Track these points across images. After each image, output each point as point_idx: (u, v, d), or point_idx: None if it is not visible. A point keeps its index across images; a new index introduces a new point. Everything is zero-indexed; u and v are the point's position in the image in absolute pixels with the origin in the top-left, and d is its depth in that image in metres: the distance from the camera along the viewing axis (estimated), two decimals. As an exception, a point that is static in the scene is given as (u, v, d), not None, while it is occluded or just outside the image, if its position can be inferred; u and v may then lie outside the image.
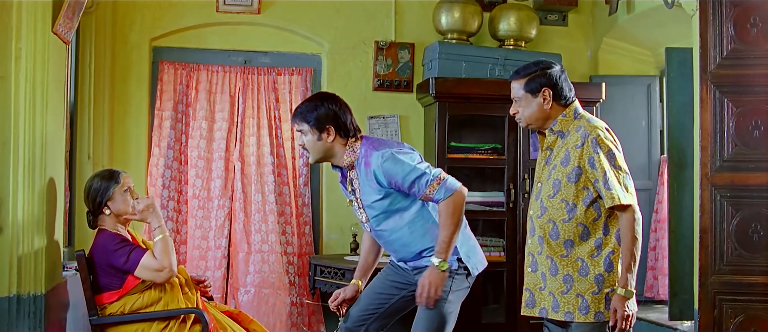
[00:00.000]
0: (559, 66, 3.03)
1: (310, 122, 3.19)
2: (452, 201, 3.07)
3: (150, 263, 3.37)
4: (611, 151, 2.86)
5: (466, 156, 5.16)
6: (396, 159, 3.11)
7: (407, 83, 5.49)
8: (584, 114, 2.99)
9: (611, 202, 2.81)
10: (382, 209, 3.21)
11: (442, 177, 3.10)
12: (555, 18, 5.72)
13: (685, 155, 4.69)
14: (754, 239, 3.85)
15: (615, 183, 2.82)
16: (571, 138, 2.92)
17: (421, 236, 3.22)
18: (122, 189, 3.51)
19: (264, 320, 4.98)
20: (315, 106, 3.21)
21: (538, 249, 2.98)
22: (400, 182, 3.11)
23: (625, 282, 2.80)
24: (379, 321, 3.38)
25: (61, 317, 3.82)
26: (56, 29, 3.62)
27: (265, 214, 5.22)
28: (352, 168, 3.24)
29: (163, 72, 5.20)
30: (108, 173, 3.57)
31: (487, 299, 5.39)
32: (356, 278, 3.48)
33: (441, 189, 3.08)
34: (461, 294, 3.27)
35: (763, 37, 3.85)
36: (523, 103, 3.00)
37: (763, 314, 3.83)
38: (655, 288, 5.59)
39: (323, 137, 3.20)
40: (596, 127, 2.91)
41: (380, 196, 3.18)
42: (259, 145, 5.27)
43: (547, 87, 2.96)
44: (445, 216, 3.07)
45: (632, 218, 2.82)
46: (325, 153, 3.24)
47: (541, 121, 3.00)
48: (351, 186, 3.28)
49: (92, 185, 3.51)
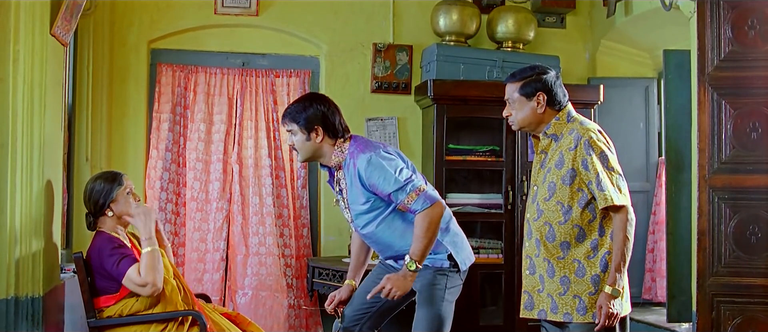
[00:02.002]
0: (554, 71, 3.07)
1: (299, 122, 3.25)
2: (428, 215, 3.10)
3: (134, 278, 3.33)
4: (604, 152, 2.90)
5: (464, 158, 5.16)
6: (379, 165, 3.15)
7: (405, 85, 5.49)
8: (577, 117, 3.03)
9: (604, 203, 2.84)
10: (366, 209, 3.26)
11: (421, 188, 3.13)
12: (553, 20, 5.73)
13: (682, 157, 4.70)
14: (751, 241, 3.85)
15: (608, 185, 2.85)
16: (564, 141, 2.96)
17: (400, 234, 3.26)
18: (125, 191, 3.51)
19: (262, 322, 4.98)
20: (304, 107, 3.27)
21: (535, 251, 3.00)
22: (380, 189, 3.16)
23: (614, 281, 2.83)
24: (372, 321, 3.43)
25: (59, 319, 3.81)
26: (54, 31, 3.62)
27: (262, 217, 5.22)
28: (340, 168, 3.29)
29: (161, 74, 5.20)
30: (111, 175, 3.56)
31: (485, 301, 5.39)
32: (349, 278, 3.54)
33: (419, 200, 3.11)
34: (455, 291, 3.33)
35: (761, 39, 3.85)
36: (516, 106, 3.06)
37: (761, 316, 3.83)
38: (653, 290, 5.59)
39: (312, 137, 3.25)
40: (589, 129, 2.95)
41: (364, 198, 3.23)
42: (257, 147, 5.27)
43: (541, 91, 3.00)
44: (420, 229, 3.10)
45: (625, 219, 2.85)
46: (314, 153, 3.30)
47: (533, 125, 3.06)
48: (338, 186, 3.35)
49: (94, 187, 3.50)
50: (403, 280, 3.10)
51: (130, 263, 3.35)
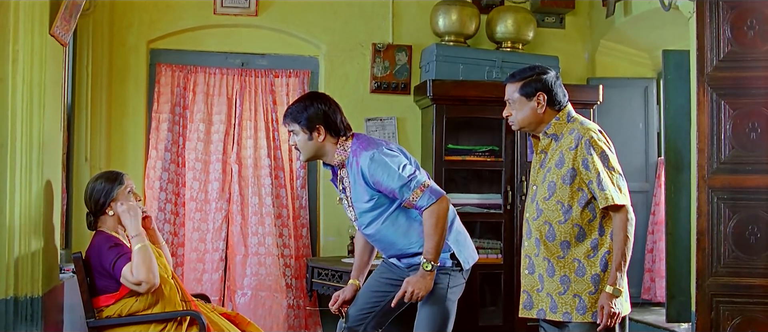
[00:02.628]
0: (554, 71, 3.08)
1: (300, 122, 3.24)
2: (435, 210, 3.11)
3: (128, 276, 3.33)
4: (604, 152, 2.90)
5: (463, 158, 5.16)
6: (382, 162, 3.15)
7: (404, 85, 5.49)
8: (577, 117, 3.04)
9: (605, 203, 2.84)
10: (370, 207, 3.25)
11: (425, 184, 3.14)
12: (552, 20, 5.73)
13: (682, 157, 4.71)
14: (751, 241, 3.85)
15: (608, 184, 2.85)
16: (564, 140, 2.96)
17: (404, 233, 3.26)
18: (126, 190, 3.51)
19: (261, 322, 4.98)
20: (305, 106, 3.26)
21: (534, 251, 3.00)
22: (384, 187, 3.16)
23: (615, 281, 2.83)
24: (376, 320, 3.43)
25: (58, 319, 3.81)
26: (53, 31, 3.61)
27: (262, 217, 5.22)
28: (343, 166, 3.29)
29: (160, 74, 5.20)
30: (112, 175, 3.56)
31: (484, 301, 5.39)
32: (353, 277, 3.54)
33: (424, 196, 3.12)
34: (458, 290, 3.33)
35: (760, 39, 3.85)
36: (516, 106, 3.06)
37: (760, 316, 3.83)
38: (652, 291, 5.59)
39: (314, 136, 3.24)
40: (589, 129, 2.95)
41: (368, 196, 3.23)
42: (257, 147, 5.26)
43: (541, 91, 3.01)
44: (429, 226, 3.12)
45: (625, 218, 2.86)
46: (316, 152, 3.29)
47: (533, 125, 3.06)
48: (341, 185, 3.34)
49: (95, 186, 3.49)
50: (423, 280, 3.12)
51: (126, 261, 3.35)
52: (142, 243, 3.36)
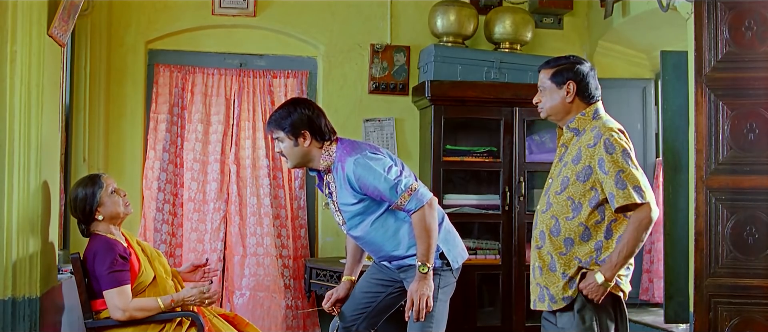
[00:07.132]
0: (589, 63, 3.04)
1: (285, 129, 3.23)
2: (424, 213, 3.12)
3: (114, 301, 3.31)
4: (626, 150, 2.85)
5: (461, 159, 5.17)
6: (367, 166, 3.15)
7: (403, 86, 5.49)
8: (603, 115, 3.00)
9: (624, 201, 2.78)
10: (357, 211, 3.26)
11: (413, 187, 3.14)
12: (550, 21, 5.73)
13: (680, 158, 4.71)
14: (749, 242, 3.86)
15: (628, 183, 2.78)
16: (585, 137, 2.94)
17: (393, 235, 3.26)
18: (108, 191, 3.46)
19: (259, 323, 4.98)
20: (289, 112, 3.25)
21: (539, 243, 3.00)
22: (372, 190, 3.16)
23: (611, 274, 2.81)
24: (369, 320, 3.45)
25: (56, 320, 3.80)
26: (51, 32, 3.61)
27: (260, 217, 5.21)
28: (329, 171, 3.29)
29: (158, 75, 5.20)
30: (89, 179, 3.50)
31: (482, 302, 5.39)
32: (347, 274, 3.55)
33: (412, 200, 3.12)
34: (449, 289, 3.32)
35: (758, 40, 3.86)
36: (546, 94, 3.03)
37: (758, 316, 3.84)
38: (650, 291, 5.59)
39: (300, 142, 3.24)
40: (611, 128, 2.91)
41: (355, 200, 3.23)
42: (255, 147, 5.26)
43: (572, 81, 2.97)
44: (420, 229, 3.13)
45: (644, 217, 2.78)
46: (303, 157, 3.28)
47: (561, 114, 3.02)
48: (328, 189, 3.34)
49: (77, 195, 3.44)
50: (424, 283, 3.13)
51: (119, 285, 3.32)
52: (165, 304, 3.39)
